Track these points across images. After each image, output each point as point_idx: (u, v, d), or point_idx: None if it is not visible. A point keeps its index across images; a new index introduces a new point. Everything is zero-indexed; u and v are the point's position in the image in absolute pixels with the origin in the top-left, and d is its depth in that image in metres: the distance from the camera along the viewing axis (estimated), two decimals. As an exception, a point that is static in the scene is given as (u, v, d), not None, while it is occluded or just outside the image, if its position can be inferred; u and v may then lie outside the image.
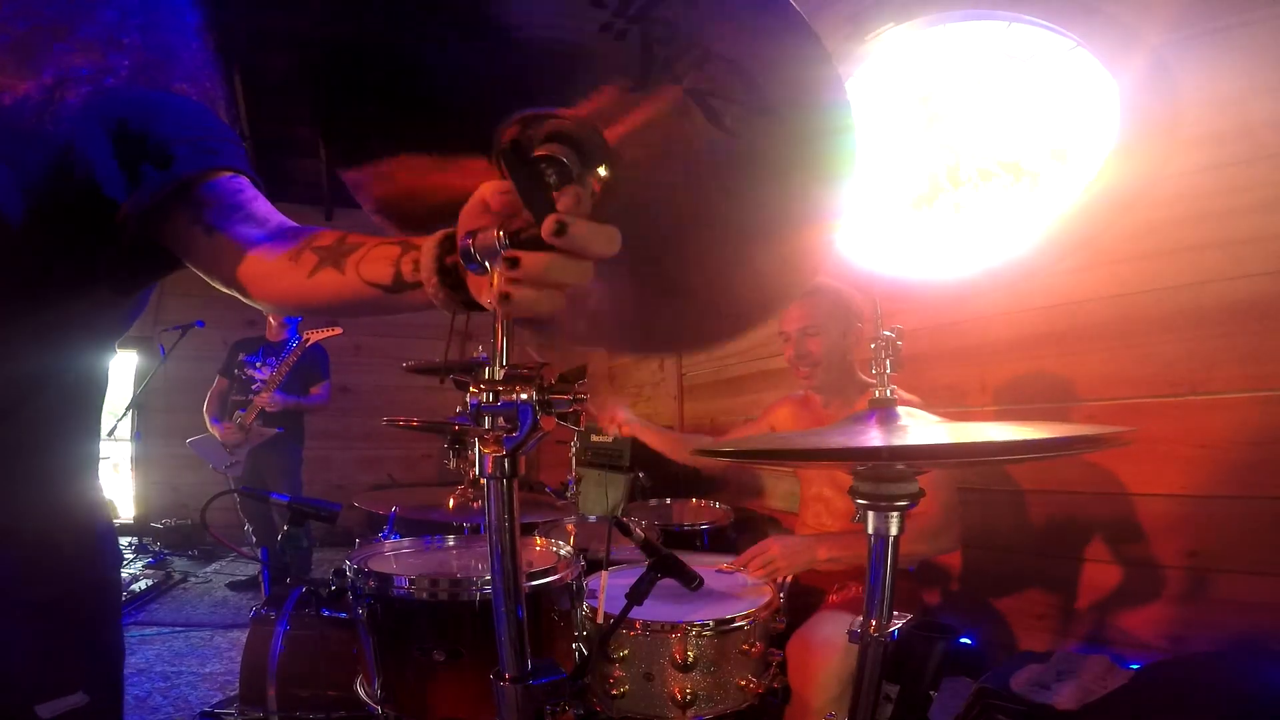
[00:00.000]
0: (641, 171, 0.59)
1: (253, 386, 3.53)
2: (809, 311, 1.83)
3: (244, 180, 0.70)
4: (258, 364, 3.60)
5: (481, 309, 0.54)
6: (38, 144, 0.63)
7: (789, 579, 1.59)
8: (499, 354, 0.51)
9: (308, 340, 3.57)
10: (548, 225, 0.45)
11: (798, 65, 0.49)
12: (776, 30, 0.47)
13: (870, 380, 1.83)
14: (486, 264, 0.50)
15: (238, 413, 3.51)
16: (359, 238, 0.62)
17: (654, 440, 2.19)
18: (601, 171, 0.59)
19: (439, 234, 0.55)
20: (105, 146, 0.65)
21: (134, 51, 0.69)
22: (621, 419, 2.14)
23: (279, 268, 0.64)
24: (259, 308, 0.72)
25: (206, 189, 0.67)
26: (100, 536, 0.75)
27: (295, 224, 0.68)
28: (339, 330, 3.70)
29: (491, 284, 0.50)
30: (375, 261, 0.59)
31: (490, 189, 0.51)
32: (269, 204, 0.70)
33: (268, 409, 3.49)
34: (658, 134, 0.56)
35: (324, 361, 3.75)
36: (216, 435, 3.48)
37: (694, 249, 0.64)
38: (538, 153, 0.55)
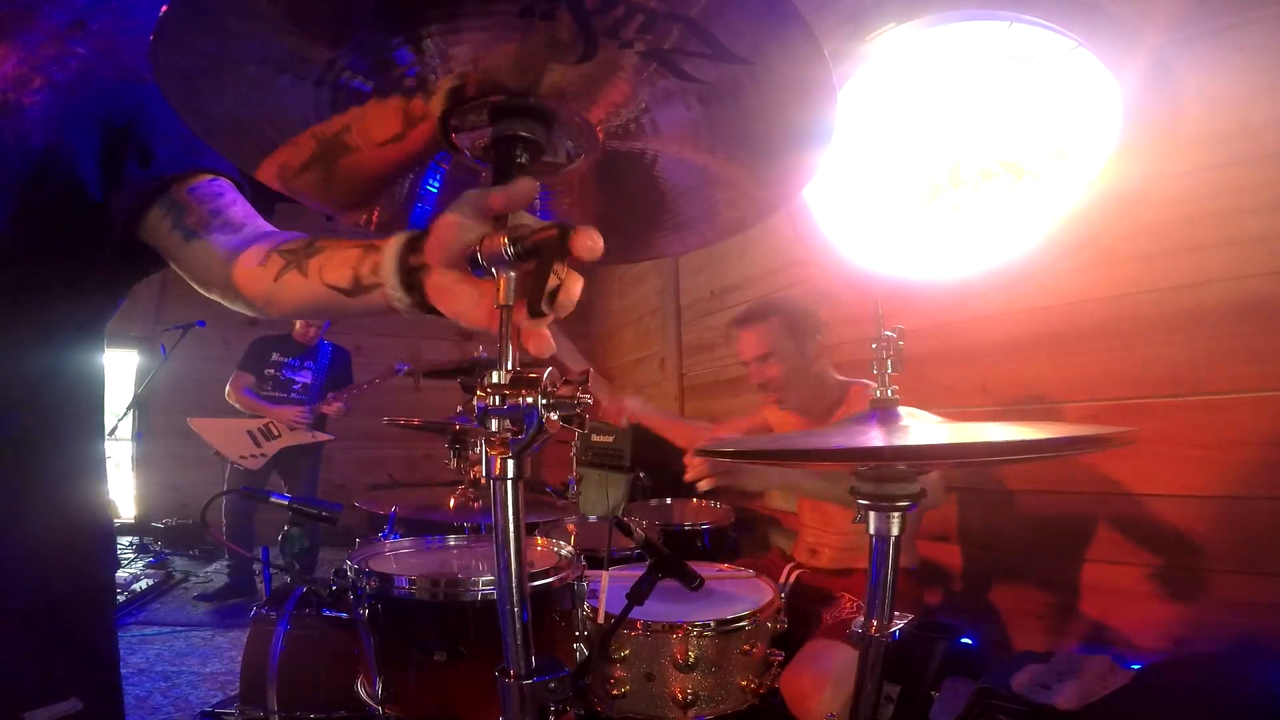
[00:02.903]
0: (619, 127, 0.60)
1: (294, 388, 3.61)
2: (761, 338, 1.79)
3: (224, 183, 0.70)
4: (296, 366, 3.66)
5: (437, 313, 0.54)
6: (8, 144, 0.62)
7: (791, 578, 1.58)
8: (504, 358, 0.51)
9: (399, 371, 3.72)
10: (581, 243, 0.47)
11: (755, 14, 0.48)
12: None
13: (844, 378, 1.82)
14: (494, 270, 0.50)
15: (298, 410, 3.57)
16: (328, 241, 0.62)
17: (662, 427, 2.19)
18: (569, 143, 0.61)
19: (402, 236, 0.54)
20: (86, 146, 0.65)
21: (99, 36, 0.68)
22: (630, 408, 2.11)
23: (251, 273, 0.64)
24: (236, 309, 0.72)
25: (188, 193, 0.67)
26: (102, 540, 0.75)
27: (271, 228, 0.68)
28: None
29: (498, 289, 0.51)
30: (336, 265, 0.59)
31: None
32: (247, 205, 0.70)
33: (333, 416, 3.63)
34: (625, 93, 0.56)
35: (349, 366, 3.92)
36: (288, 416, 3.51)
37: (677, 176, 0.67)
38: (504, 133, 0.56)
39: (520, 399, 0.50)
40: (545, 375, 0.50)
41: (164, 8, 0.45)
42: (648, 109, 0.58)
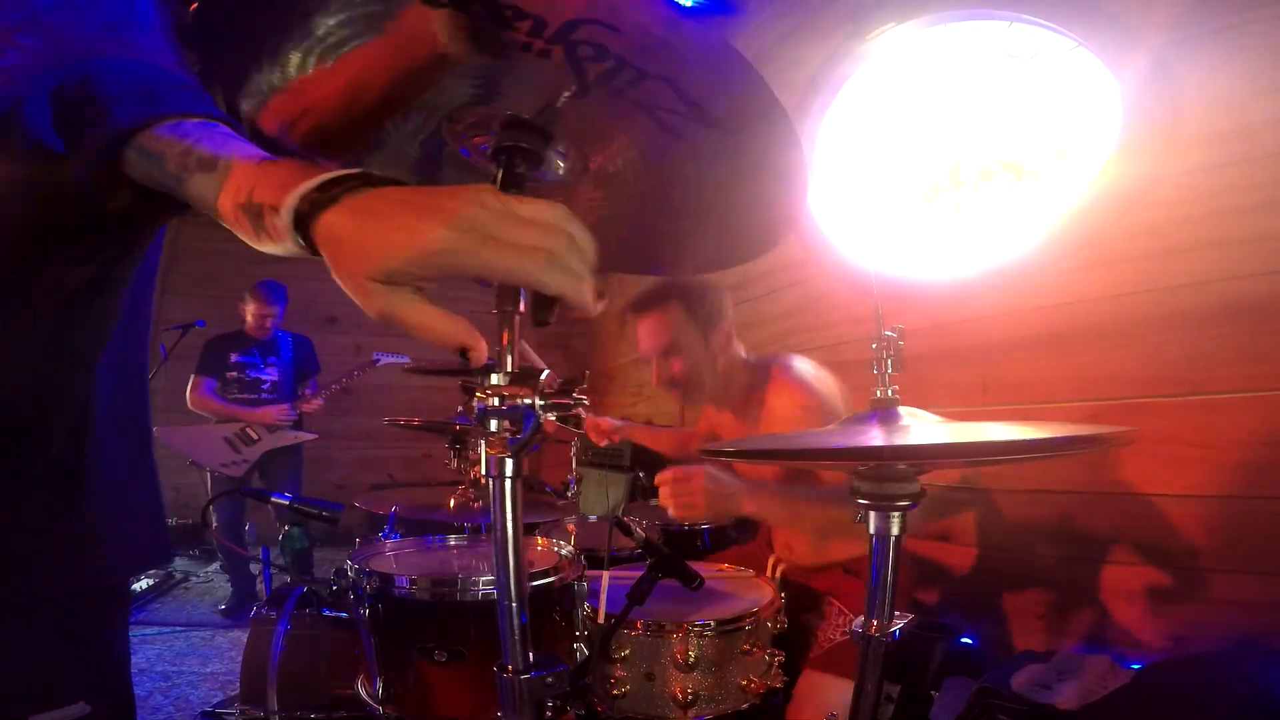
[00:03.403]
0: (613, 154, 0.63)
1: (263, 387, 3.48)
2: (661, 328, 1.59)
3: (189, 123, 0.62)
4: (259, 365, 3.51)
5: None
6: None
7: (777, 574, 1.57)
8: (503, 359, 0.52)
9: (377, 361, 3.60)
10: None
11: (733, 84, 0.52)
12: (707, 54, 0.50)
13: (758, 357, 1.73)
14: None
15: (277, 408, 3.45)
16: (262, 193, 0.53)
17: (649, 440, 2.18)
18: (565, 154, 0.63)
19: (296, 199, 0.46)
20: (42, 115, 0.62)
21: (53, 30, 0.67)
22: (608, 428, 2.08)
23: (236, 228, 0.57)
24: None
25: (157, 139, 0.61)
26: (138, 541, 0.75)
27: (242, 151, 0.59)
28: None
29: (498, 295, 0.51)
30: (281, 233, 0.51)
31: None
32: (218, 135, 0.62)
33: (312, 412, 3.50)
34: (616, 130, 0.59)
35: (313, 353, 3.77)
36: (268, 416, 3.37)
37: (667, 208, 0.70)
38: (506, 143, 0.58)
39: (518, 400, 0.51)
40: (542, 377, 0.51)
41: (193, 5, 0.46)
42: (636, 147, 0.61)
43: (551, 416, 0.51)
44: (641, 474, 3.11)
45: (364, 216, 0.43)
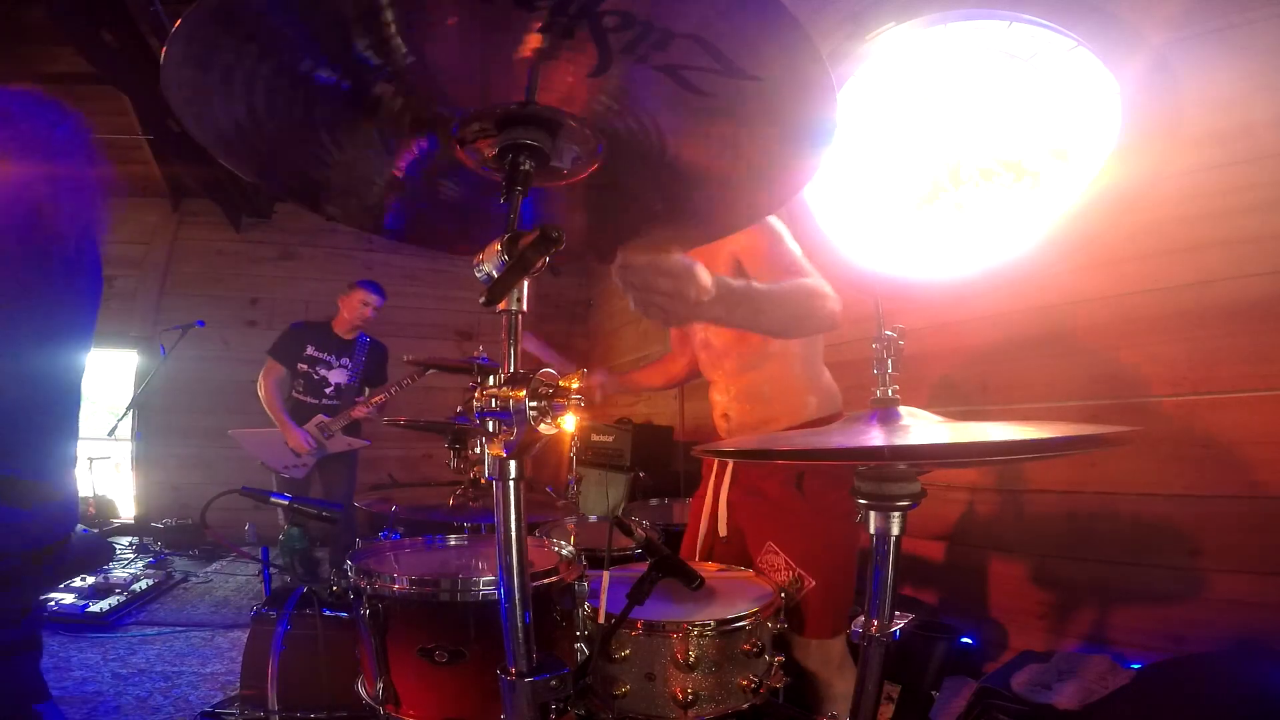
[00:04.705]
0: (631, 133, 0.62)
1: (326, 389, 3.42)
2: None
3: None
4: (331, 364, 3.45)
5: None
6: None
7: (725, 487, 1.57)
8: (505, 360, 0.52)
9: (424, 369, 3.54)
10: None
11: (765, 33, 0.50)
12: (739, 4, 0.48)
13: None
14: (493, 273, 0.52)
15: (321, 418, 3.34)
16: None
17: (636, 381, 2.17)
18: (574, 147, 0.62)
19: None
20: None
21: None
22: (596, 382, 2.10)
23: None
24: None
25: None
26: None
27: None
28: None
29: None
30: None
31: None
32: None
33: (362, 418, 3.41)
34: (637, 103, 0.58)
35: (385, 364, 3.68)
36: (295, 441, 3.27)
37: (678, 177, 0.69)
38: (509, 142, 0.57)
39: (511, 401, 0.50)
40: (534, 377, 0.51)
41: (178, 22, 0.46)
42: (653, 116, 0.59)
43: (544, 417, 0.51)
44: (641, 474, 3.11)
45: None
